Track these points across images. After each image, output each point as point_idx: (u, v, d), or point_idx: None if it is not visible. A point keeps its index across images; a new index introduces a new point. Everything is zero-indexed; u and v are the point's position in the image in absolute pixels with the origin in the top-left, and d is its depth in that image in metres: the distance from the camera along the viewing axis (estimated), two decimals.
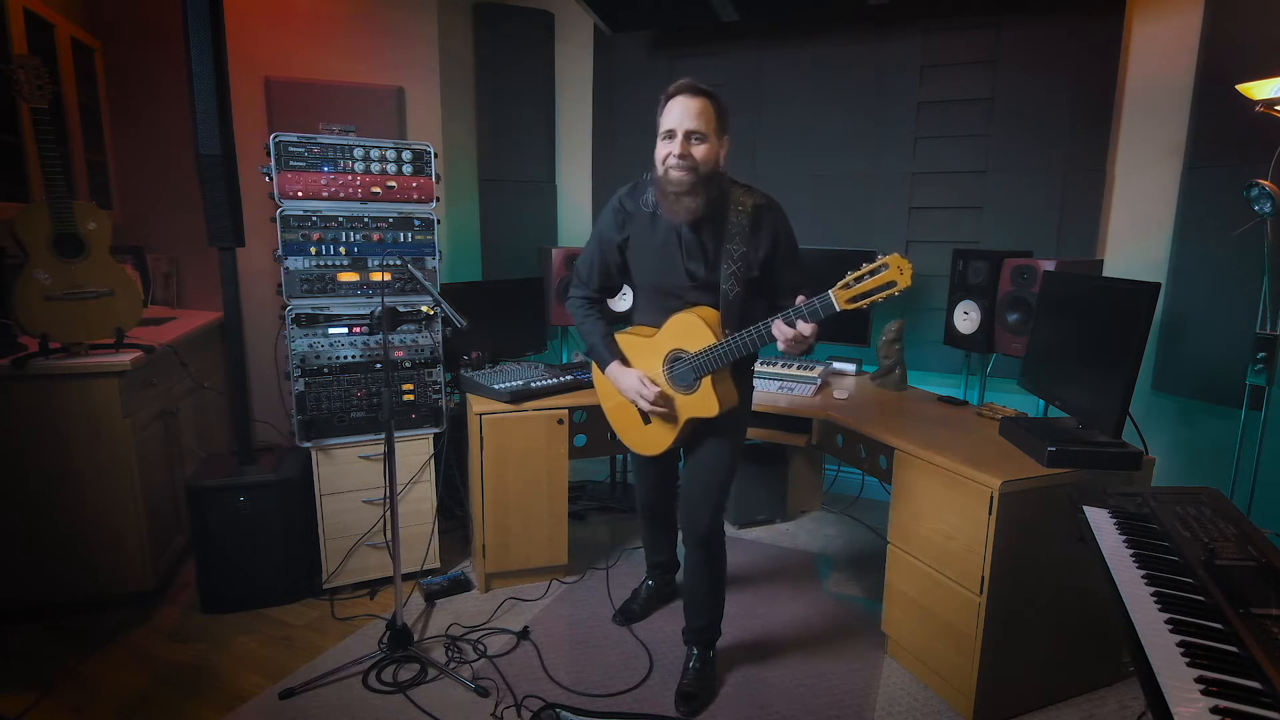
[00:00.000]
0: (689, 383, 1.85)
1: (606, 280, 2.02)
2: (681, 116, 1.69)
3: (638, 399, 1.89)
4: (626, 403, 2.01)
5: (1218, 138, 2.57)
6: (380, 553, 2.56)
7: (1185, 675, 0.95)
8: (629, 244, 1.92)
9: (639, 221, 1.89)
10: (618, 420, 2.11)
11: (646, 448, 2.03)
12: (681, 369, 1.85)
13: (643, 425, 2.02)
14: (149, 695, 2.02)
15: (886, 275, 1.52)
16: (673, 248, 1.84)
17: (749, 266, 1.80)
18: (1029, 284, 2.39)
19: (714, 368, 1.78)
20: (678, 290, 1.86)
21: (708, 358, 1.78)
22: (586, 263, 2.03)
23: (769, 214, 1.83)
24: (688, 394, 1.86)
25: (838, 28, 3.24)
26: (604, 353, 1.99)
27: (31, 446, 2.22)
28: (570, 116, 3.87)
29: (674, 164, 1.70)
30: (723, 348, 1.75)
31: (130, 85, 3.24)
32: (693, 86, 1.70)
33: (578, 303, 2.06)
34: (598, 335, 2.01)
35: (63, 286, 2.23)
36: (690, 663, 2.09)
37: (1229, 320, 2.51)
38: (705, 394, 1.82)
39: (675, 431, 1.92)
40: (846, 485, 3.46)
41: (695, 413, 1.86)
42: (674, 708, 2.00)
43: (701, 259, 1.82)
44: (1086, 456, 1.87)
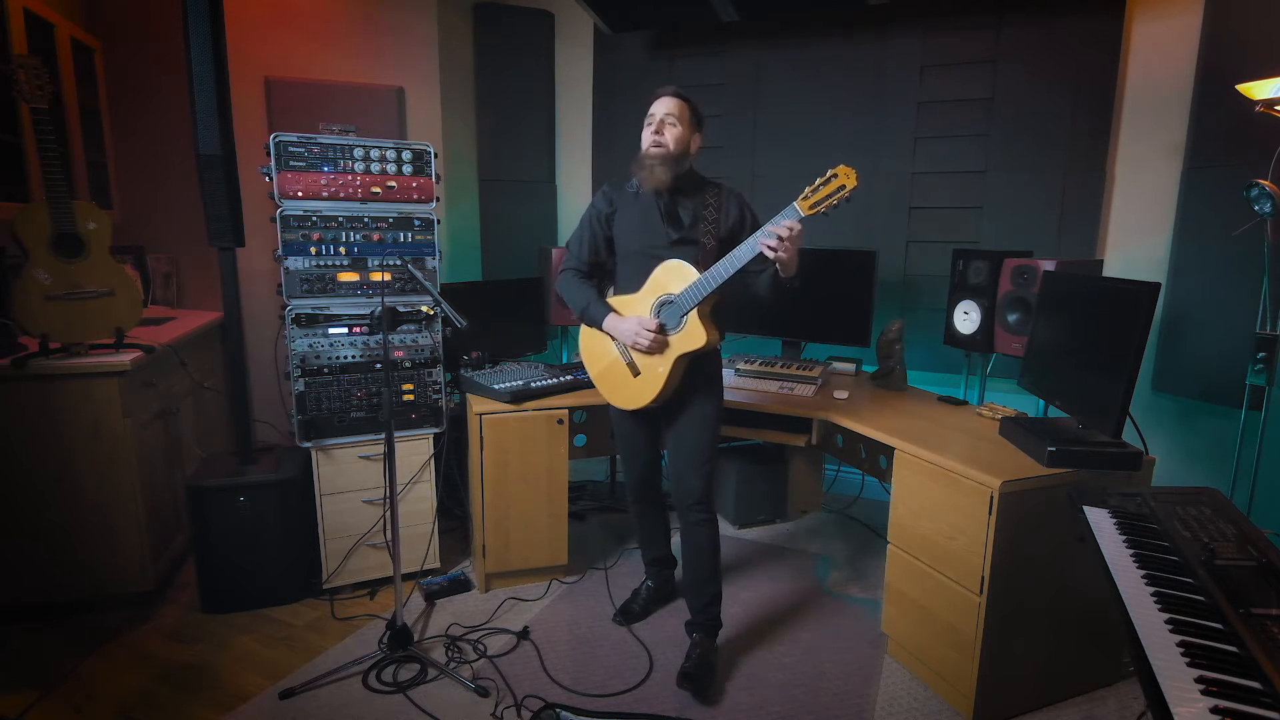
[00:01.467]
0: (676, 322, 2.00)
1: (595, 254, 2.19)
2: (659, 107, 2.05)
3: (640, 334, 2.01)
4: (613, 363, 2.14)
5: (1218, 138, 2.57)
6: (380, 553, 2.56)
7: (1185, 675, 0.95)
8: (615, 216, 2.15)
9: (624, 199, 2.15)
10: (605, 383, 2.19)
11: (638, 399, 2.11)
12: (669, 311, 2.01)
13: (631, 379, 2.11)
14: (149, 695, 2.02)
15: (837, 181, 1.81)
16: (653, 214, 2.08)
17: (719, 227, 2.06)
18: (1029, 284, 2.39)
19: (700, 298, 1.94)
20: (658, 249, 2.06)
21: (694, 290, 1.95)
22: (577, 239, 2.22)
23: (735, 194, 2.12)
24: (676, 332, 2.01)
25: (838, 28, 3.24)
26: (597, 309, 2.14)
27: (31, 446, 2.22)
28: (570, 116, 3.87)
29: (652, 140, 2.03)
30: (707, 276, 1.93)
31: (130, 85, 3.24)
32: (673, 90, 2.06)
33: (568, 274, 2.21)
34: (590, 295, 2.17)
35: (63, 286, 2.23)
36: (694, 650, 2.14)
37: (1229, 320, 2.51)
38: (692, 327, 1.98)
39: (665, 374, 2.03)
40: (846, 485, 3.46)
41: (685, 347, 2.00)
42: (675, 685, 2.07)
43: (680, 223, 2.07)
44: (1086, 456, 1.87)
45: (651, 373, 2.06)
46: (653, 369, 2.05)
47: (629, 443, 2.27)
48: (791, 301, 2.81)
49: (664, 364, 2.03)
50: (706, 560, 2.15)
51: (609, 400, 2.20)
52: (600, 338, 2.16)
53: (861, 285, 2.83)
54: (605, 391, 2.20)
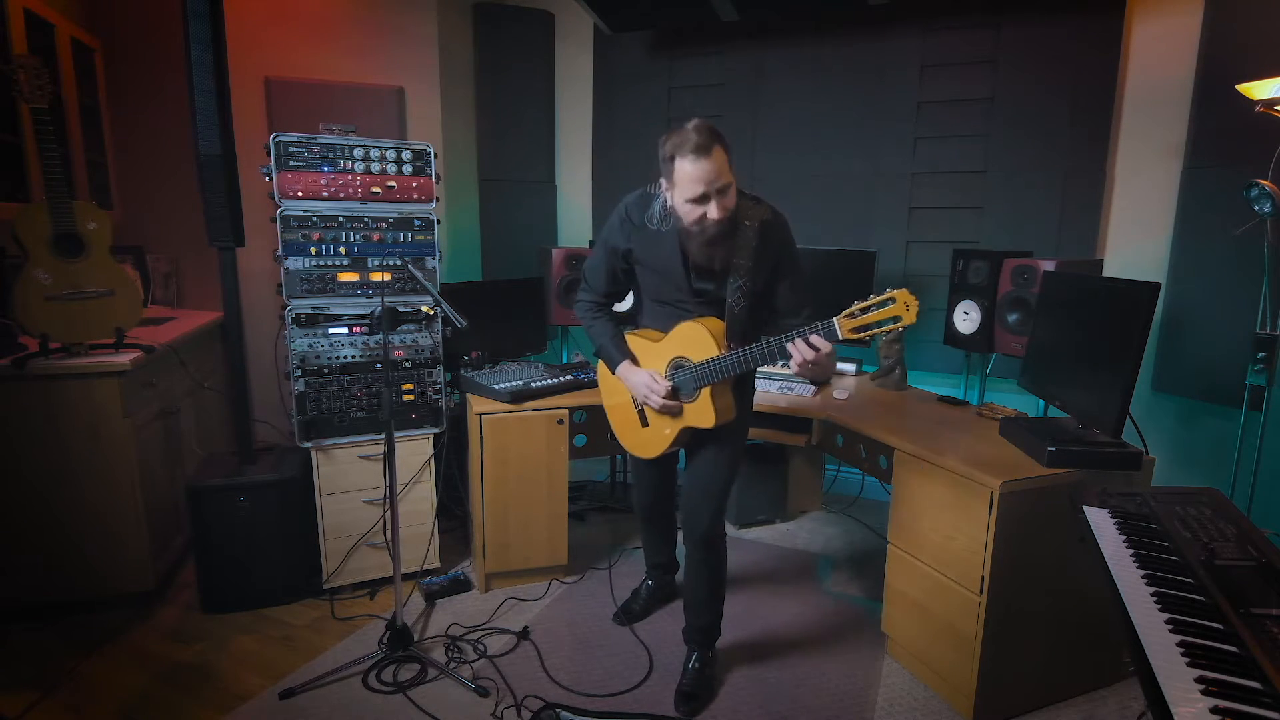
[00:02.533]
0: (689, 391, 1.86)
1: (613, 285, 2.03)
2: (709, 177, 1.64)
3: (649, 395, 1.89)
4: (626, 404, 2.04)
5: (1218, 138, 2.57)
6: (380, 553, 2.56)
7: (1185, 675, 0.95)
8: (634, 255, 1.93)
9: (645, 235, 1.87)
10: (616, 420, 2.12)
11: (642, 450, 2.05)
12: (683, 377, 1.86)
13: (640, 427, 2.03)
14: (149, 695, 2.02)
15: (892, 310, 1.51)
16: (677, 263, 1.83)
17: (754, 282, 1.79)
18: (1029, 284, 2.39)
19: (715, 379, 1.79)
20: (682, 302, 1.89)
21: (710, 369, 1.79)
22: (593, 268, 2.04)
23: (775, 230, 1.82)
24: (687, 402, 1.88)
25: (838, 28, 3.24)
26: (614, 352, 2.00)
27: (31, 446, 2.22)
28: (570, 116, 3.87)
29: (713, 226, 1.69)
30: (726, 361, 1.75)
31: (130, 85, 3.24)
32: (705, 146, 1.62)
33: (585, 306, 2.07)
34: (607, 336, 2.02)
35: (63, 286, 2.23)
36: (690, 663, 2.10)
37: (1229, 320, 2.51)
38: (703, 405, 1.84)
39: (671, 437, 1.94)
40: (846, 485, 3.46)
41: (691, 422, 1.88)
42: (673, 708, 2.00)
43: (709, 275, 1.82)
44: (1086, 456, 1.87)
45: (658, 432, 1.97)
46: (659, 429, 1.96)
47: (641, 468, 2.21)
48: None
49: (671, 428, 1.92)
50: (707, 593, 2.08)
51: (618, 438, 2.13)
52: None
53: (861, 285, 2.83)
54: (616, 429, 2.12)
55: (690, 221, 1.71)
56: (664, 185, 1.75)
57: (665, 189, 1.75)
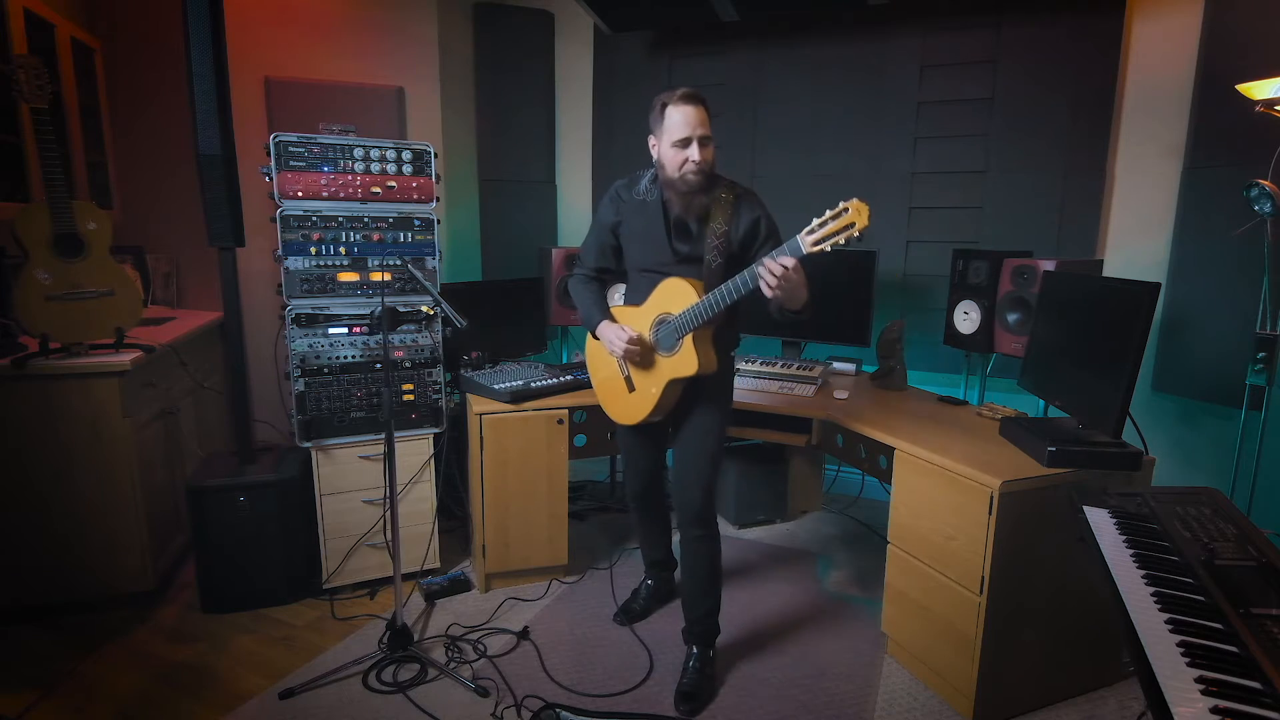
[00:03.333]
0: (671, 345, 1.96)
1: (602, 260, 2.16)
2: (693, 124, 1.83)
3: (615, 342, 1.99)
4: (613, 374, 2.13)
5: (1218, 138, 2.57)
6: (380, 553, 2.56)
7: (1185, 675, 0.95)
8: (621, 226, 2.08)
9: (630, 207, 2.05)
10: (604, 393, 2.20)
11: (630, 415, 2.10)
12: (665, 331, 1.97)
13: (627, 394, 2.10)
14: (149, 695, 2.02)
15: (846, 219, 1.64)
16: (659, 226, 1.99)
17: (729, 242, 1.94)
18: (1029, 284, 2.39)
19: (696, 324, 1.88)
20: (664, 265, 2.00)
21: (690, 315, 1.88)
22: (586, 246, 2.21)
23: (749, 199, 1.98)
24: (670, 355, 1.97)
25: (838, 28, 3.24)
26: (594, 312, 2.11)
27: (31, 446, 2.22)
28: (570, 116, 3.87)
29: (692, 169, 1.85)
30: (703, 303, 1.85)
31: (130, 85, 3.24)
32: (695, 95, 1.85)
33: (576, 278, 2.20)
34: (590, 297, 2.14)
35: (63, 286, 2.23)
36: (690, 662, 2.10)
37: (1229, 320, 2.51)
38: (686, 353, 1.92)
39: (657, 396, 2.00)
40: (846, 485, 3.46)
41: (675, 372, 1.95)
42: (673, 707, 2.00)
43: (687, 237, 1.98)
44: (1086, 456, 1.87)
45: (645, 392, 2.04)
46: (646, 388, 2.03)
47: (630, 449, 2.27)
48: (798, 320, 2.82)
49: (656, 385, 2.00)
50: (705, 577, 2.11)
51: (606, 411, 2.21)
52: (603, 347, 2.13)
53: (861, 285, 2.83)
54: (603, 401, 2.21)
55: (674, 168, 1.87)
56: (652, 143, 1.93)
57: (653, 145, 1.93)
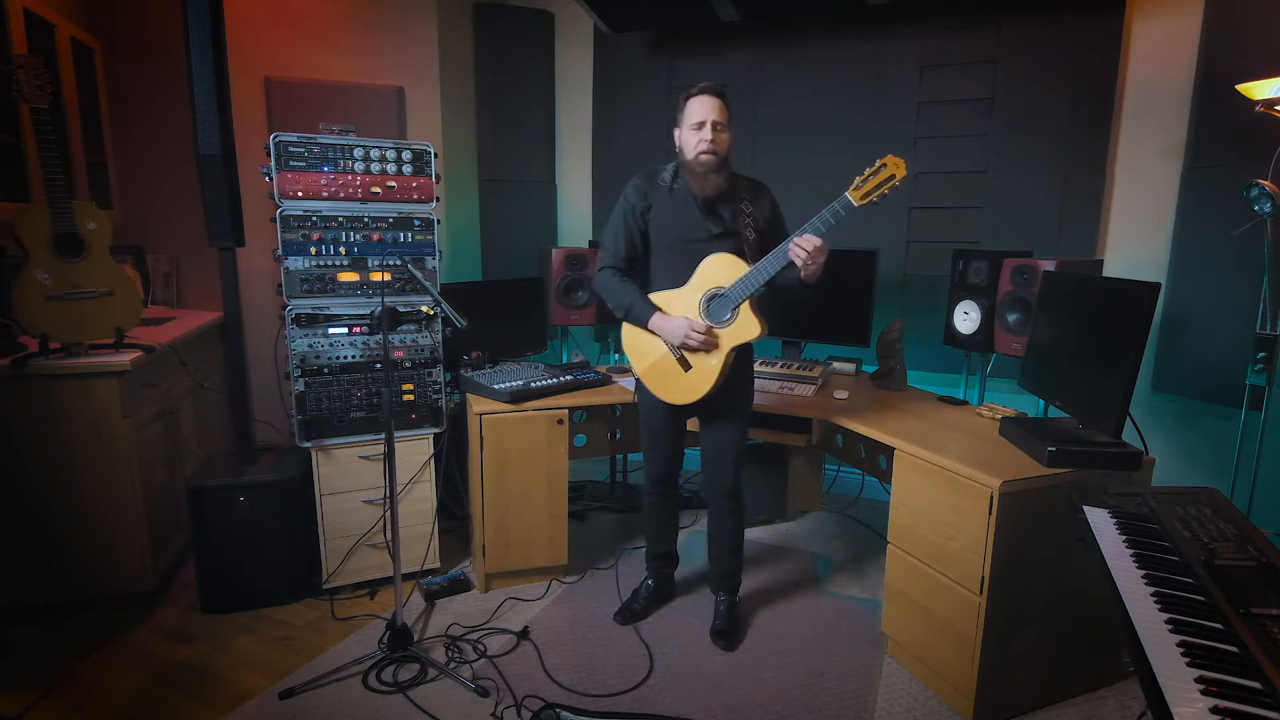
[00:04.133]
0: (726, 316, 2.05)
1: (632, 248, 2.18)
2: (709, 109, 2.00)
3: (690, 333, 2.05)
4: (662, 358, 2.16)
5: (1218, 138, 2.57)
6: (380, 553, 2.56)
7: (1185, 675, 0.95)
8: (651, 211, 2.15)
9: (659, 194, 2.15)
10: (653, 378, 2.20)
11: (691, 393, 2.13)
12: (718, 304, 2.06)
13: (683, 373, 2.13)
14: (149, 695, 2.02)
15: (886, 171, 1.90)
16: (692, 209, 2.10)
17: (757, 220, 2.10)
18: (1029, 284, 2.39)
19: (750, 290, 2.00)
20: (701, 239, 2.09)
21: (745, 282, 2.00)
22: (612, 235, 2.20)
23: (766, 191, 2.18)
24: (727, 326, 2.06)
25: (838, 28, 3.24)
26: (643, 307, 2.13)
27: (31, 446, 2.22)
28: (570, 116, 3.87)
29: (705, 148, 2.00)
30: (755, 270, 1.98)
31: (130, 85, 3.24)
32: (715, 87, 2.02)
33: (607, 274, 2.20)
34: (634, 294, 2.15)
35: (63, 286, 2.23)
36: (720, 606, 2.37)
37: (1229, 320, 2.51)
38: (745, 318, 2.04)
39: (719, 366, 2.07)
40: (846, 485, 3.46)
41: (738, 339, 2.05)
42: (710, 643, 2.28)
43: (717, 219, 2.10)
44: (1086, 456, 1.87)
45: (705, 366, 2.10)
46: (705, 362, 2.10)
47: (658, 436, 2.31)
48: (791, 301, 2.83)
49: (718, 357, 2.08)
50: (733, 540, 2.34)
51: (658, 395, 2.20)
52: (646, 333, 2.16)
53: (861, 285, 2.83)
54: (654, 386, 2.20)
55: (690, 149, 2.02)
56: (676, 134, 2.09)
57: (677, 136, 2.08)
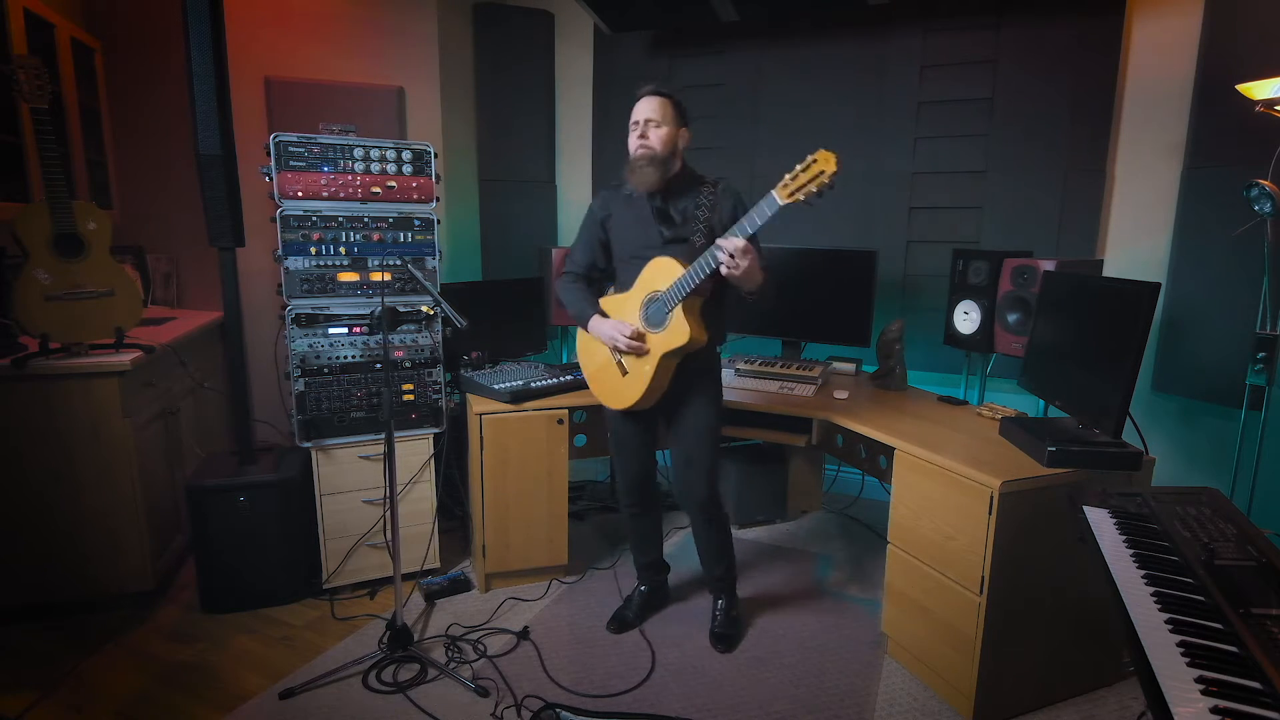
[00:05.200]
0: (661, 320, 2.03)
1: (592, 258, 2.24)
2: (643, 109, 2.05)
3: (616, 336, 2.07)
4: (605, 363, 2.19)
5: (1218, 138, 2.57)
6: (380, 553, 2.56)
7: (1185, 675, 0.95)
8: (610, 220, 2.19)
9: (618, 203, 2.19)
10: (598, 384, 2.24)
11: (625, 397, 2.13)
12: (655, 308, 2.05)
13: (620, 378, 2.14)
14: (149, 695, 2.02)
15: (816, 166, 1.75)
16: (647, 215, 2.12)
17: (711, 227, 2.05)
18: (1029, 284, 2.39)
19: (682, 294, 1.96)
20: (651, 249, 2.08)
21: (678, 285, 1.97)
22: (575, 245, 2.29)
23: (731, 191, 2.11)
24: (660, 331, 2.03)
25: (838, 28, 3.24)
26: (585, 308, 2.19)
27: (31, 446, 2.22)
28: (570, 116, 3.87)
29: (636, 144, 2.05)
30: (689, 273, 1.94)
31: (130, 85, 3.24)
32: (653, 89, 2.07)
33: (564, 279, 2.28)
34: (582, 299, 2.22)
35: (63, 286, 2.23)
36: (717, 610, 2.34)
37: (1229, 320, 2.51)
38: (676, 324, 2.00)
39: (651, 373, 2.05)
40: (846, 485, 3.46)
41: (667, 345, 2.01)
42: (710, 647, 2.26)
43: (671, 224, 2.10)
44: (1086, 456, 1.87)
45: (638, 372, 2.09)
46: (639, 368, 2.09)
47: (625, 444, 2.28)
48: (791, 301, 2.83)
49: (649, 363, 2.06)
50: (719, 546, 2.29)
51: (601, 401, 2.24)
52: (595, 339, 2.20)
53: (861, 285, 2.83)
54: (598, 392, 2.25)
55: (631, 148, 2.07)
56: None
57: None
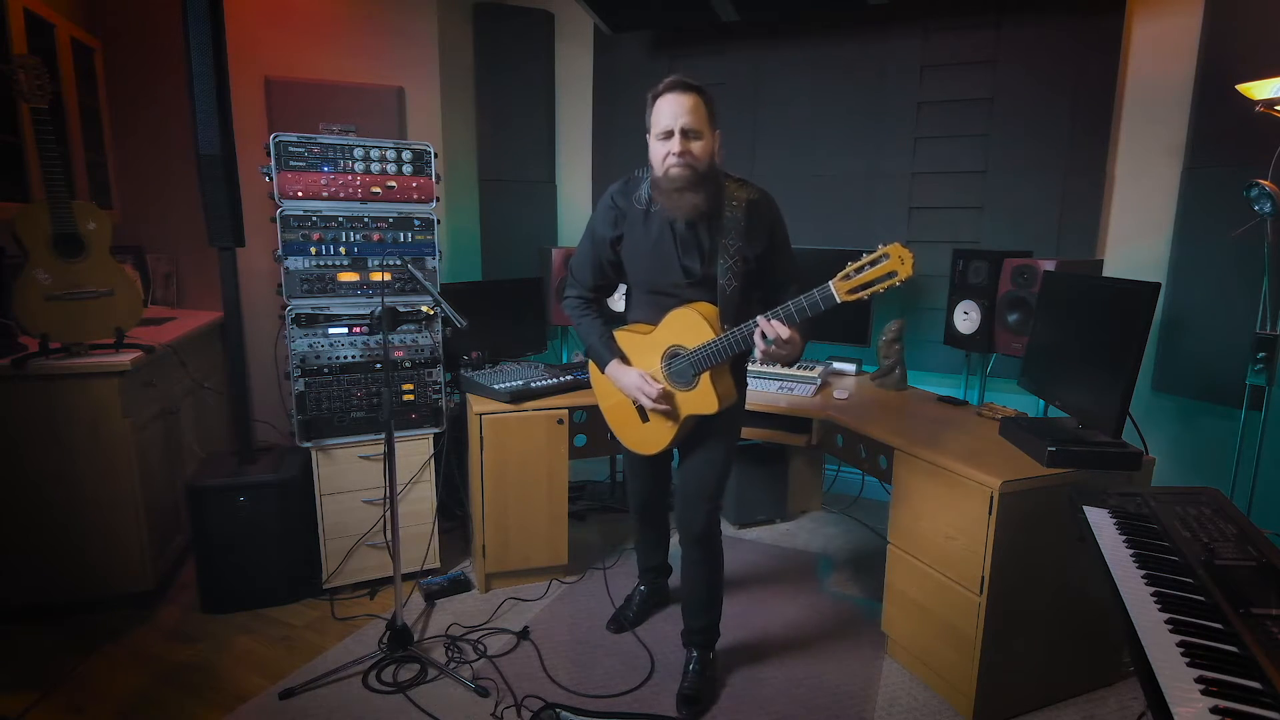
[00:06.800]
0: (688, 379, 1.84)
1: (601, 278, 2.00)
2: (676, 114, 1.69)
3: (640, 397, 1.88)
4: (624, 401, 2.01)
5: (1218, 138, 2.57)
6: (380, 553, 2.56)
7: (1185, 675, 0.95)
8: (623, 242, 1.91)
9: (632, 219, 1.87)
10: (615, 419, 2.08)
11: (645, 446, 2.01)
12: (680, 365, 1.84)
13: (640, 423, 2.00)
14: (149, 695, 2.02)
15: (887, 265, 1.50)
16: (668, 245, 1.82)
17: (745, 261, 1.79)
18: (1029, 284, 2.39)
19: (713, 363, 1.77)
20: (673, 288, 1.85)
21: (707, 353, 1.76)
22: (580, 262, 2.02)
23: (764, 208, 1.83)
24: (687, 390, 1.85)
25: (838, 28, 3.24)
26: (602, 352, 1.98)
27: (31, 446, 2.22)
28: (570, 116, 3.87)
29: (674, 162, 1.70)
30: (721, 342, 1.74)
31: (130, 85, 3.24)
32: (682, 83, 1.71)
33: (573, 303, 2.04)
34: (595, 335, 1.99)
35: (63, 286, 2.23)
36: (690, 665, 2.08)
37: (1229, 320, 2.51)
38: (705, 390, 1.81)
39: (675, 429, 1.90)
40: (846, 485, 3.46)
41: (695, 409, 1.85)
42: (675, 710, 1.99)
43: (697, 255, 1.81)
44: (1086, 456, 1.87)
45: (661, 425, 1.93)
46: (661, 422, 1.93)
47: (635, 465, 2.17)
48: None
49: (673, 419, 1.90)
50: (704, 592, 2.07)
51: (617, 436, 2.09)
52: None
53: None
54: (615, 428, 2.09)
55: (658, 164, 1.72)
56: (650, 142, 1.77)
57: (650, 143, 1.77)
